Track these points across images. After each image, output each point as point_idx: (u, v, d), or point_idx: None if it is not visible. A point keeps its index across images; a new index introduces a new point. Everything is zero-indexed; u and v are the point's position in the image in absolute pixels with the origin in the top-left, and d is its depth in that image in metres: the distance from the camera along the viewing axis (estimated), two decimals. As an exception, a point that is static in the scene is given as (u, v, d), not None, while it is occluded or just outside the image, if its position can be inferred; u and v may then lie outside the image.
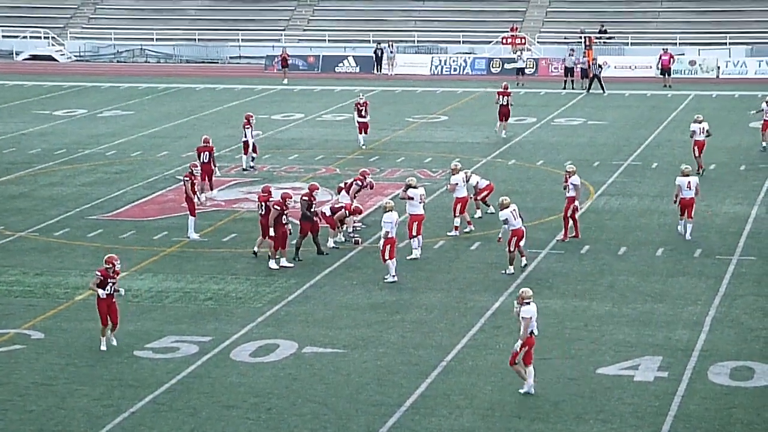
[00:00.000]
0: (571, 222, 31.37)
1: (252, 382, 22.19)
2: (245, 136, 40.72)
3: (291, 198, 29.43)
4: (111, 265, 23.44)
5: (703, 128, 39.28)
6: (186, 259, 30.49)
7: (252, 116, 41.29)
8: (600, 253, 30.55)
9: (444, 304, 26.58)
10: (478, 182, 33.54)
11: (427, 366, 22.59)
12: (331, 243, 31.01)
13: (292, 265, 29.49)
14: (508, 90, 46.76)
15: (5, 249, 31.60)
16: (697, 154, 39.16)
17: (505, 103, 46.25)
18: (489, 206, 34.00)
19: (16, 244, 32.06)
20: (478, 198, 33.63)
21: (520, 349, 21.26)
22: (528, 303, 21.24)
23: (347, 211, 30.99)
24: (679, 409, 20.74)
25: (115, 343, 23.87)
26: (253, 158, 41.18)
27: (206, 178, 36.48)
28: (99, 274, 23.43)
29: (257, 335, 24.71)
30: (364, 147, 44.70)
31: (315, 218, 30.09)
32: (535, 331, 21.45)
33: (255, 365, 23.04)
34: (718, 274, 28.66)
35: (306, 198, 30.05)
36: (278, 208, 29.12)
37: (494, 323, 25.31)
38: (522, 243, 28.78)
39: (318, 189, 30.07)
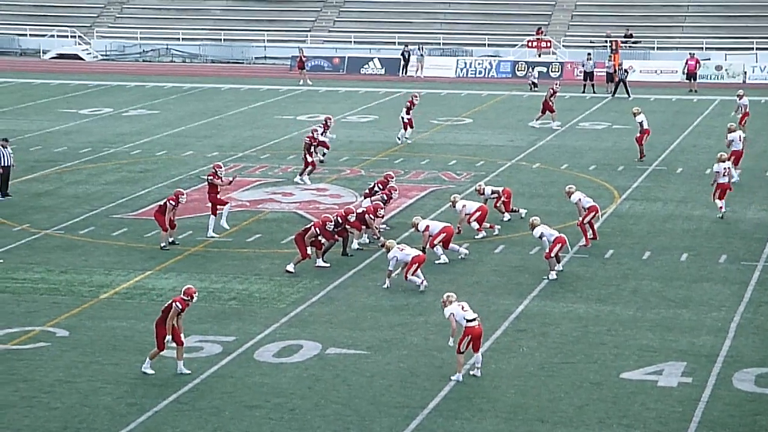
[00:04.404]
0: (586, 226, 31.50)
1: (275, 382, 22.22)
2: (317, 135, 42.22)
3: (331, 221, 29.61)
4: (190, 297, 22.45)
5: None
6: (210, 258, 30.56)
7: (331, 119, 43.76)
8: (624, 257, 30.49)
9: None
10: (492, 191, 33.78)
11: (450, 369, 22.56)
12: (355, 244, 31.02)
13: (328, 264, 29.54)
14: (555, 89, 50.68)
15: (31, 246, 31.74)
16: (642, 143, 42.45)
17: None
18: (507, 212, 34.06)
19: (42, 242, 32.19)
20: (498, 204, 33.72)
21: (461, 340, 21.99)
22: (452, 304, 22.30)
23: (371, 215, 30.98)
24: (703, 416, 20.68)
25: (186, 370, 22.67)
26: (324, 153, 42.20)
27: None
28: (179, 305, 22.30)
29: (281, 336, 24.74)
30: (408, 141, 46.02)
31: (336, 234, 30.13)
32: (463, 323, 22.01)
33: (278, 366, 23.07)
34: (743, 280, 28.56)
35: (339, 218, 30.16)
36: (317, 230, 29.29)
37: (517, 327, 25.28)
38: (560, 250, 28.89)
39: (331, 222, 29.92)
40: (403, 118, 45.93)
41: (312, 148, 39.25)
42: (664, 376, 22.48)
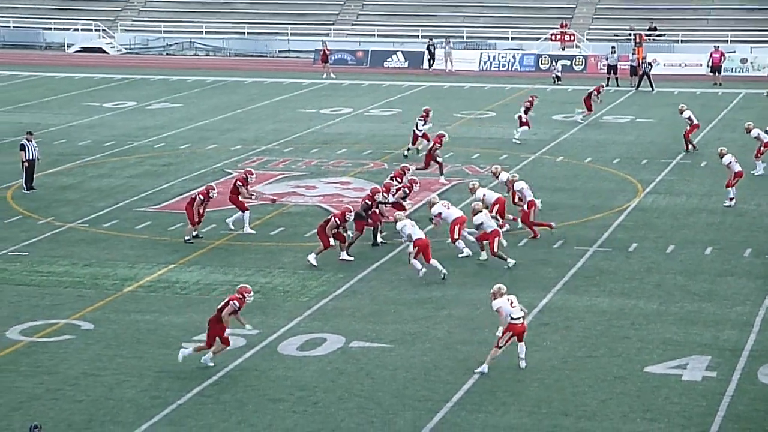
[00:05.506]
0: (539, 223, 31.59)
1: (298, 375, 22.25)
2: (417, 128, 42.09)
3: (351, 212, 29.64)
4: (242, 296, 22.55)
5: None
6: (233, 252, 30.61)
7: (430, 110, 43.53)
8: (648, 251, 30.40)
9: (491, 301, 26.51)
10: (507, 179, 33.72)
11: (473, 362, 22.56)
12: (379, 238, 31.03)
13: (352, 258, 29.58)
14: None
15: (55, 240, 31.86)
16: (689, 137, 42.88)
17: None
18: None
19: (66, 236, 32.30)
20: (516, 200, 33.65)
21: (502, 335, 22.10)
22: (501, 297, 22.41)
23: (384, 193, 31.27)
24: (727, 410, 20.61)
25: (210, 363, 22.77)
26: (417, 150, 42.02)
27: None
28: (236, 303, 22.42)
29: (304, 329, 24.77)
30: (517, 142, 45.11)
31: (368, 218, 30.35)
32: (512, 319, 22.12)
33: (302, 359, 23.10)
34: (767, 274, 28.44)
35: (368, 201, 30.41)
36: (338, 221, 29.31)
37: (541, 320, 25.25)
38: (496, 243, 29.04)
39: (379, 192, 30.55)
40: (521, 117, 45.44)
41: (437, 150, 38.78)
42: (689, 370, 22.41)
